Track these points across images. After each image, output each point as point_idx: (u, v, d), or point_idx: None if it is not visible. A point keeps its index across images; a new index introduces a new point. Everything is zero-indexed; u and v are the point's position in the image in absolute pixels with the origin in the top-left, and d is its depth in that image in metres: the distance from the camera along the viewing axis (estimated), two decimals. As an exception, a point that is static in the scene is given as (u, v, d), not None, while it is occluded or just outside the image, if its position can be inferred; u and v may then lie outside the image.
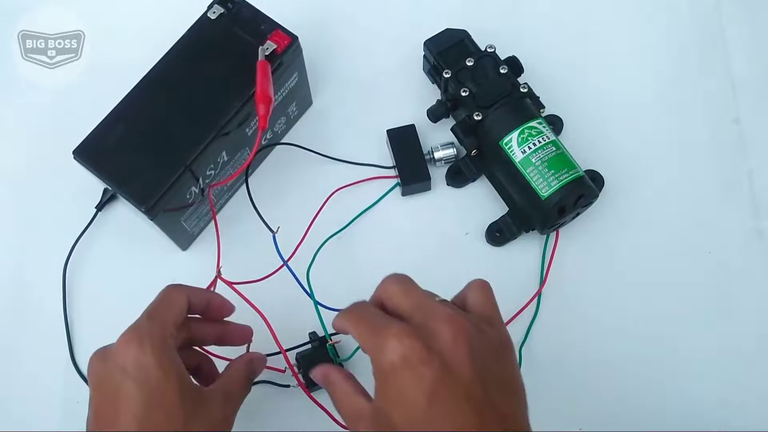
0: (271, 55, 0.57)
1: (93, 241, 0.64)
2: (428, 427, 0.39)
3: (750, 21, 0.70)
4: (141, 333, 0.44)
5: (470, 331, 0.41)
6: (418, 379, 0.39)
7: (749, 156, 0.65)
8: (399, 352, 0.39)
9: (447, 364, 0.39)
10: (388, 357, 0.40)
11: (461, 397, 0.39)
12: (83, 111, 0.56)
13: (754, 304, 0.61)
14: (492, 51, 0.62)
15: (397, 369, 0.39)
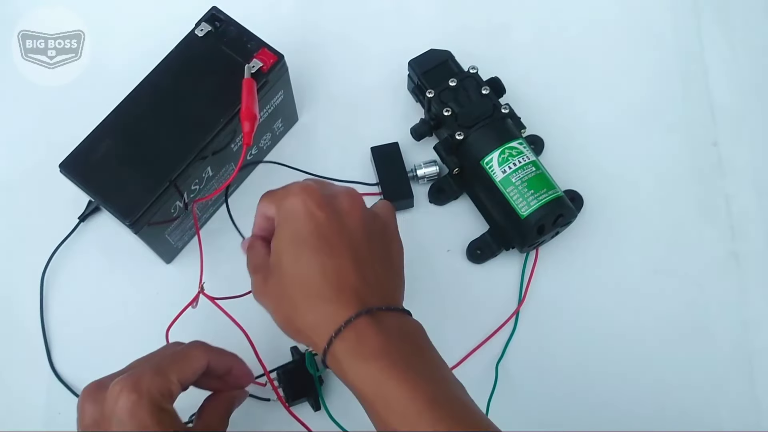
0: (256, 73, 0.57)
1: (74, 252, 0.64)
2: (314, 260, 0.44)
3: (730, 46, 0.71)
4: (141, 383, 0.43)
5: (364, 206, 0.48)
6: (314, 221, 0.45)
7: (727, 179, 0.67)
8: (300, 198, 0.45)
9: (340, 218, 0.46)
10: (289, 203, 0.46)
11: (346, 243, 0.45)
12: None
13: (729, 325, 0.62)
14: (474, 72, 0.63)
15: (294, 211, 0.45)
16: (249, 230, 0.59)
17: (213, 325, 0.54)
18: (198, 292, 0.55)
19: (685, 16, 0.73)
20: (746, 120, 0.69)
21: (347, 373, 0.43)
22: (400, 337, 0.43)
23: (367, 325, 0.43)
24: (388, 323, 0.44)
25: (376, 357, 0.42)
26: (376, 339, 0.42)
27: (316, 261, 0.45)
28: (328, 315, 0.44)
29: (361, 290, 0.44)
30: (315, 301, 0.44)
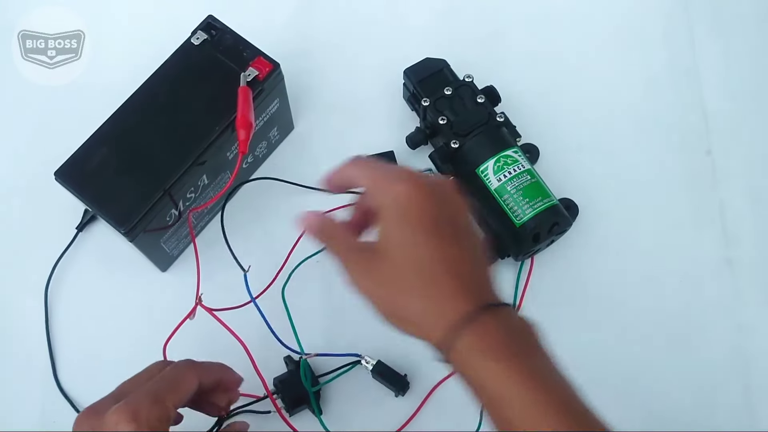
0: (252, 81, 0.58)
1: (74, 262, 0.64)
2: (426, 254, 0.43)
3: (723, 55, 0.72)
4: (139, 413, 0.43)
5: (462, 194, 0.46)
6: (428, 207, 0.43)
7: (720, 187, 0.67)
8: (410, 185, 0.44)
9: (445, 203, 0.44)
10: (394, 193, 0.44)
11: (455, 234, 0.44)
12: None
13: (724, 331, 0.62)
14: (470, 80, 0.64)
15: (409, 197, 0.43)
16: (245, 241, 0.61)
17: (210, 336, 0.54)
18: (195, 304, 0.54)
19: (677, 25, 0.73)
20: (740, 128, 0.69)
21: (468, 369, 0.41)
22: (521, 336, 0.42)
23: (489, 321, 0.41)
24: (507, 320, 0.42)
25: (499, 356, 0.41)
26: (499, 337, 0.41)
27: (435, 247, 0.43)
28: (448, 306, 0.42)
29: (478, 283, 0.43)
30: (433, 290, 0.42)
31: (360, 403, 0.60)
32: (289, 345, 0.58)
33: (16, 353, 0.62)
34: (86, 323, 0.62)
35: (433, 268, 0.43)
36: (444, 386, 0.59)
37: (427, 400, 0.59)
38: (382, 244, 0.44)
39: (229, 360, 0.54)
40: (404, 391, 0.59)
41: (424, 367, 0.60)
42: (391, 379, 0.59)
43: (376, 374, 0.59)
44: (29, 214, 0.66)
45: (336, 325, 0.62)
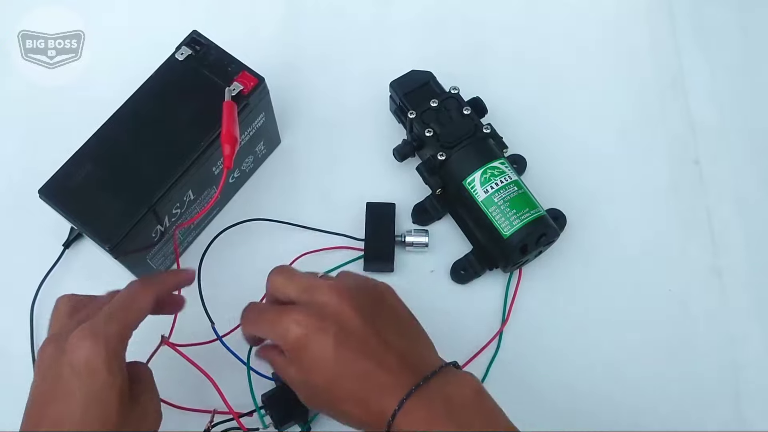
0: (237, 95, 0.57)
1: (61, 279, 0.64)
2: (341, 379, 0.46)
3: (709, 64, 0.72)
4: (97, 333, 0.44)
5: (352, 292, 0.48)
6: (321, 346, 0.46)
7: (709, 196, 0.67)
8: (298, 332, 0.46)
9: (340, 326, 0.46)
10: (291, 337, 0.46)
11: (359, 348, 0.46)
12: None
13: (714, 340, 0.62)
14: (456, 92, 0.64)
15: (302, 344, 0.46)
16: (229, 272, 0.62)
17: (182, 365, 0.54)
18: (160, 343, 0.54)
19: (663, 35, 0.74)
20: (727, 137, 0.70)
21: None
22: (450, 408, 0.44)
23: (414, 409, 0.44)
24: (432, 396, 0.44)
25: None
26: (426, 421, 0.44)
27: (343, 373, 0.46)
28: (377, 414, 0.45)
29: (396, 377, 0.45)
30: (361, 406, 0.46)
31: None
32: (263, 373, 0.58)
33: (2, 372, 0.61)
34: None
35: (351, 385, 0.46)
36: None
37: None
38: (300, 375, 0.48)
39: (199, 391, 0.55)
40: None
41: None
42: None
43: None
44: (16, 231, 0.66)
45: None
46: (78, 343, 0.44)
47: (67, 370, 0.44)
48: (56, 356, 0.45)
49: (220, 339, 0.57)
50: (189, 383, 0.55)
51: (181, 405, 0.56)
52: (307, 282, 0.49)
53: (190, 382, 0.55)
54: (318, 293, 0.48)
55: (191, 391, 0.56)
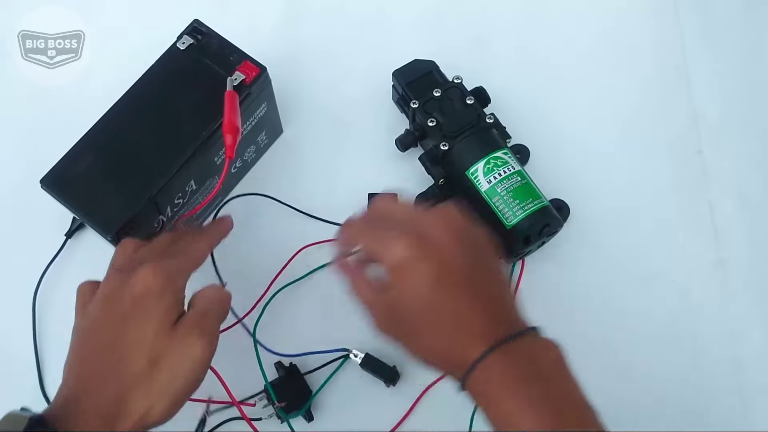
0: (239, 85, 0.57)
1: (63, 269, 0.64)
2: (433, 310, 0.46)
3: (713, 55, 0.72)
4: (168, 273, 0.47)
5: (458, 231, 0.48)
6: (422, 273, 0.46)
7: (712, 187, 0.67)
8: (403, 253, 0.46)
9: (443, 258, 0.46)
10: (394, 259, 0.47)
11: (457, 284, 0.46)
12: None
13: (716, 333, 0.62)
14: (459, 82, 0.63)
15: (402, 267, 0.46)
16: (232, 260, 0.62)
17: None
18: None
19: (667, 25, 0.73)
20: (730, 128, 0.69)
21: (484, 406, 0.45)
22: (532, 369, 0.45)
23: (497, 362, 0.44)
24: (518, 354, 0.45)
25: (507, 395, 0.44)
26: (507, 377, 0.44)
27: (437, 306, 0.46)
28: (459, 354, 0.45)
29: (486, 325, 0.46)
30: (445, 342, 0.46)
31: (351, 401, 0.60)
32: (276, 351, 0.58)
33: (3, 364, 0.61)
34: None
35: (442, 324, 0.46)
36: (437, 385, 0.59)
37: (421, 398, 0.59)
38: (395, 296, 0.48)
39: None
40: (395, 381, 0.59)
41: (411, 367, 0.60)
42: (381, 370, 0.59)
43: (365, 366, 0.59)
44: (18, 221, 0.65)
45: (324, 328, 0.61)
46: (143, 273, 0.46)
47: (128, 296, 0.46)
48: (120, 285, 0.47)
49: (240, 321, 0.58)
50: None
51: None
52: (415, 210, 0.51)
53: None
54: (425, 223, 0.48)
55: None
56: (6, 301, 0.63)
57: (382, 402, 0.59)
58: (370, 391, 0.59)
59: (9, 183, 0.67)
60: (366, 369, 0.59)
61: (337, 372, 0.60)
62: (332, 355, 0.60)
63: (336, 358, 0.60)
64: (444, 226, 0.48)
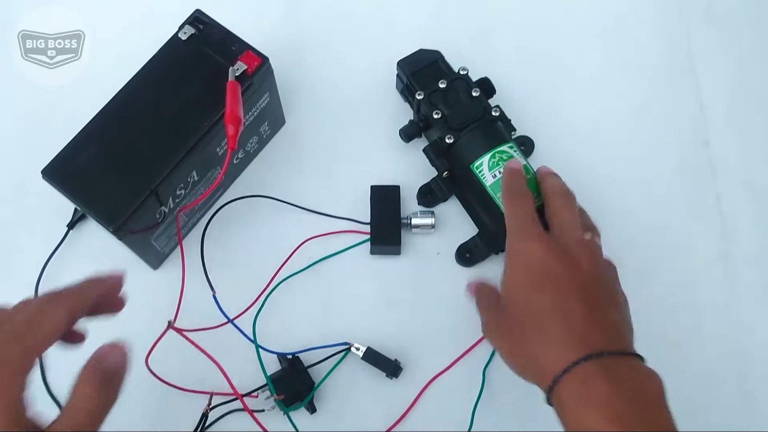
0: (241, 75, 0.57)
1: (65, 260, 0.63)
2: (540, 303, 0.48)
3: (719, 45, 0.71)
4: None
5: (599, 259, 0.51)
6: (547, 269, 0.48)
7: (718, 178, 0.66)
8: (535, 251, 0.49)
9: (572, 268, 0.48)
10: (528, 251, 0.49)
11: (577, 290, 0.47)
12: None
13: (721, 325, 0.61)
14: (465, 73, 0.63)
15: (532, 259, 0.49)
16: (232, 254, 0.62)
17: (190, 349, 0.54)
18: (167, 328, 0.54)
19: (673, 16, 0.72)
20: (737, 119, 0.69)
21: (568, 415, 0.44)
22: (630, 389, 0.43)
23: (595, 371, 0.43)
24: (618, 371, 0.44)
25: (600, 405, 0.42)
26: (603, 387, 0.43)
27: (549, 301, 0.47)
28: (556, 355, 0.45)
29: (590, 334, 0.46)
30: (543, 340, 0.47)
31: (354, 394, 0.60)
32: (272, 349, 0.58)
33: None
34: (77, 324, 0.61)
35: (546, 320, 0.47)
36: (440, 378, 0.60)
37: (424, 392, 0.59)
38: (505, 300, 0.51)
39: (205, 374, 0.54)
40: (397, 374, 0.59)
41: (413, 362, 0.60)
42: (383, 363, 0.59)
43: (367, 359, 0.59)
44: (19, 212, 0.65)
45: (325, 323, 0.61)
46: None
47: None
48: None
49: (231, 321, 0.57)
50: (194, 367, 0.55)
51: (186, 387, 0.56)
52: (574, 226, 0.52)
53: (195, 367, 0.54)
54: (575, 242, 0.50)
55: (197, 375, 0.56)
56: (8, 293, 0.61)
57: (385, 395, 0.59)
58: (373, 384, 0.59)
59: (10, 180, 0.66)
60: (367, 361, 0.59)
61: (339, 365, 0.60)
62: (334, 349, 0.59)
63: (337, 351, 0.59)
64: (590, 253, 0.50)
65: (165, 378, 0.56)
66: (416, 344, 0.61)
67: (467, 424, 0.57)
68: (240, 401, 0.55)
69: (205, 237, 0.61)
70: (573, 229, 0.51)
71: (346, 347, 0.59)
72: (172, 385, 0.56)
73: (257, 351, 0.56)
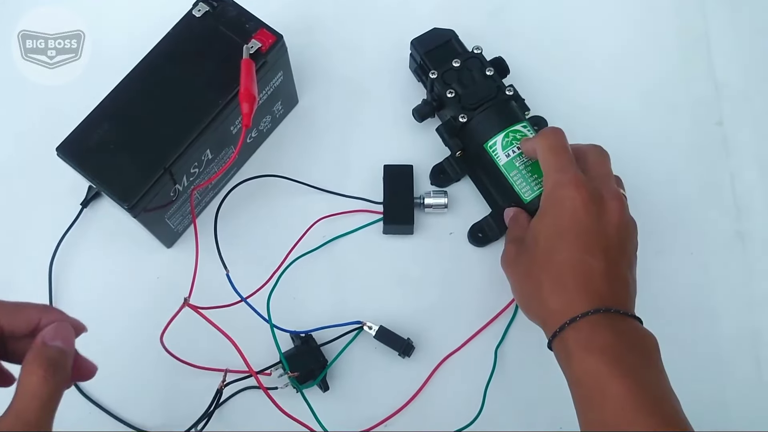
0: (255, 53, 0.56)
1: (79, 238, 0.64)
2: (563, 253, 0.49)
3: (734, 24, 0.70)
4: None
5: (627, 212, 0.52)
6: (577, 219, 0.49)
7: (732, 158, 0.66)
8: (571, 192, 0.50)
9: (601, 221, 0.50)
10: (562, 195, 0.50)
11: (602, 248, 0.49)
12: (81, 111, 0.56)
13: (735, 305, 0.61)
14: (479, 52, 0.62)
15: (565, 205, 0.50)
16: (246, 235, 0.62)
17: (206, 326, 0.54)
18: (182, 305, 0.54)
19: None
20: (751, 98, 0.68)
21: (572, 359, 0.46)
22: (632, 341, 0.46)
23: (603, 323, 0.46)
24: (622, 326, 0.47)
25: (604, 352, 0.45)
26: (608, 336, 0.45)
27: (572, 254, 0.49)
28: (568, 303, 0.48)
29: (604, 290, 0.48)
30: (559, 288, 0.49)
31: (366, 372, 0.60)
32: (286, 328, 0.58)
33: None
34: (91, 301, 0.62)
35: (566, 270, 0.49)
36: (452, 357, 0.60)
37: (437, 370, 0.60)
38: (530, 240, 0.52)
39: (221, 351, 0.54)
40: (409, 353, 0.59)
41: (425, 341, 0.60)
42: (395, 341, 0.59)
43: (379, 337, 0.59)
44: (33, 191, 0.65)
45: (338, 302, 0.61)
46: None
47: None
48: None
49: (244, 300, 0.56)
50: (209, 345, 0.55)
51: (200, 365, 0.57)
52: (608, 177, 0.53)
53: (210, 344, 0.55)
54: (607, 190, 0.51)
55: (211, 352, 0.57)
56: (23, 271, 0.63)
57: (397, 373, 0.59)
58: (385, 363, 0.60)
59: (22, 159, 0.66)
60: (380, 340, 0.59)
61: (352, 344, 0.60)
62: (346, 327, 0.60)
63: (350, 330, 0.60)
64: (621, 204, 0.51)
65: (178, 355, 0.56)
66: (428, 324, 0.61)
67: (479, 403, 0.58)
68: (254, 378, 0.55)
69: (218, 216, 0.61)
70: (608, 179, 0.53)
71: (359, 326, 0.59)
72: (185, 362, 0.57)
73: (272, 329, 0.57)
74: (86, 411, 0.59)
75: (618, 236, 0.50)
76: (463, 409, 0.58)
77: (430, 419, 0.58)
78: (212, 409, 0.55)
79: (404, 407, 0.58)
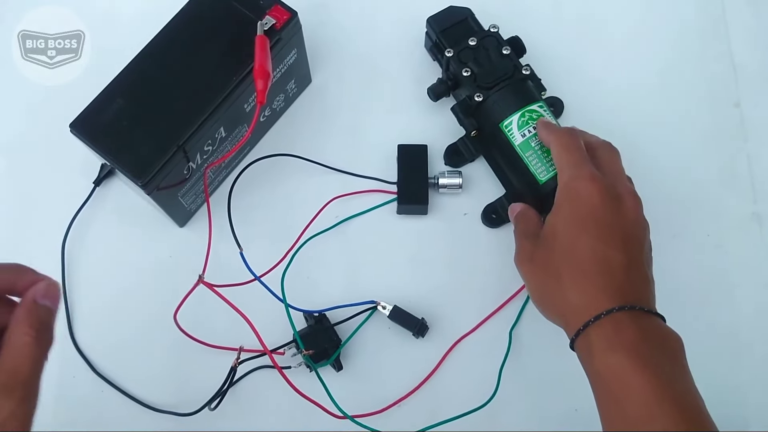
0: (269, 30, 0.56)
1: (92, 217, 0.64)
2: (583, 244, 0.48)
3: (752, 5, 0.70)
4: None
5: (643, 215, 0.51)
6: (595, 211, 0.48)
7: (749, 140, 0.65)
8: (588, 185, 0.49)
9: (618, 216, 0.49)
10: (578, 188, 0.49)
11: (622, 242, 0.48)
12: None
13: (751, 287, 0.61)
14: (495, 31, 0.62)
15: (582, 198, 0.49)
16: (259, 214, 0.62)
17: (219, 304, 0.54)
18: (197, 282, 0.54)
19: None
20: (769, 81, 0.67)
21: (595, 358, 0.45)
22: (656, 340, 0.45)
23: (627, 320, 0.45)
24: (646, 324, 0.46)
25: (628, 350, 0.44)
26: (632, 334, 0.44)
27: (593, 246, 0.48)
28: (590, 300, 0.46)
29: (626, 286, 0.47)
30: (581, 280, 0.47)
31: (380, 352, 0.60)
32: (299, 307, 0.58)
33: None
34: (104, 280, 0.62)
35: (588, 264, 0.47)
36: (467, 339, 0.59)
37: (451, 351, 0.59)
38: (547, 234, 0.51)
39: (236, 329, 0.54)
40: (423, 333, 0.59)
41: (439, 321, 0.60)
42: (410, 321, 0.59)
43: (393, 317, 0.59)
44: (46, 169, 0.65)
45: (351, 282, 0.61)
46: None
47: None
48: None
49: (258, 279, 0.56)
50: (222, 323, 0.55)
51: (213, 344, 0.57)
52: (620, 174, 0.53)
53: (223, 323, 0.55)
54: (622, 186, 0.51)
55: (224, 331, 0.57)
56: (36, 249, 0.63)
57: (411, 353, 0.59)
58: (399, 343, 0.59)
59: (31, 136, 0.66)
60: (394, 320, 0.59)
61: (366, 323, 0.60)
62: (360, 307, 0.59)
63: (364, 310, 0.59)
64: (635, 195, 0.50)
65: (191, 333, 0.56)
66: (443, 304, 0.60)
67: (494, 384, 0.57)
68: (268, 356, 0.55)
69: (231, 195, 0.60)
70: (621, 177, 0.52)
71: (373, 305, 0.59)
72: (199, 341, 0.56)
73: (286, 308, 0.56)
74: (99, 389, 0.59)
75: (636, 231, 0.49)
76: (477, 390, 0.57)
77: (445, 400, 0.58)
78: (226, 387, 0.55)
79: (418, 388, 0.58)
